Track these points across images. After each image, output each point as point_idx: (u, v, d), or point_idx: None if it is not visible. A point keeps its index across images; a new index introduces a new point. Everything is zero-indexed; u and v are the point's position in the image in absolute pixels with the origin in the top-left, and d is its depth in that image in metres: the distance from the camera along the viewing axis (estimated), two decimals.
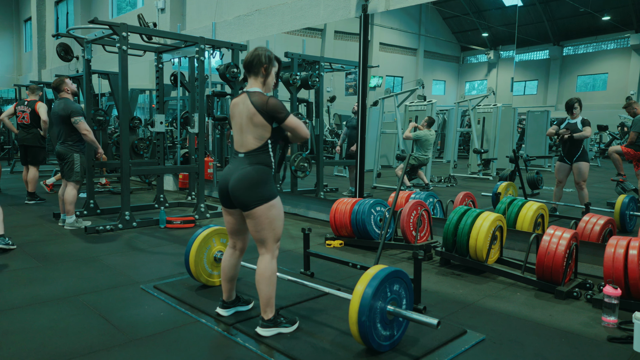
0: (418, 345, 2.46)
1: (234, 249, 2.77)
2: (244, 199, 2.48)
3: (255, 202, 2.46)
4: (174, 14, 9.27)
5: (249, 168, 2.50)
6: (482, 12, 12.73)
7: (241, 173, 2.50)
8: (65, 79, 5.31)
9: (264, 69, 2.54)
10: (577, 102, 5.55)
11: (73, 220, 5.20)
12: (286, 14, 6.68)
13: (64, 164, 5.13)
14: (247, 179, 2.47)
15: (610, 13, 9.61)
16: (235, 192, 2.50)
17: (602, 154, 8.85)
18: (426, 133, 7.33)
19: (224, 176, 2.60)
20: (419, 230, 4.34)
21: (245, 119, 2.50)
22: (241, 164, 2.53)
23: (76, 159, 5.10)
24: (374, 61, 9.87)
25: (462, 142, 11.05)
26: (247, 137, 2.52)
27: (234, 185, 2.50)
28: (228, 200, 2.59)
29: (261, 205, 2.47)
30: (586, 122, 5.48)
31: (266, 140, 2.52)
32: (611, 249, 3.05)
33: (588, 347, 2.55)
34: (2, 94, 17.30)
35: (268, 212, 2.49)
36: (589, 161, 5.52)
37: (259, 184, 2.48)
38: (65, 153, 5.10)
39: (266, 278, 2.52)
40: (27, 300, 3.06)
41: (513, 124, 9.14)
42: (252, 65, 2.54)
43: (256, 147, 2.51)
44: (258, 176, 2.49)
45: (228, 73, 5.79)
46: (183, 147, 8.54)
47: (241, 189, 2.47)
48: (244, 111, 2.50)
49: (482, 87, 12.13)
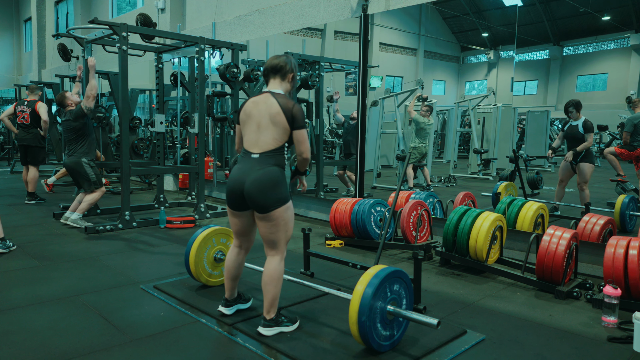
0: (418, 345, 2.46)
1: (240, 249, 2.77)
2: (262, 201, 2.45)
3: (274, 204, 2.44)
4: (174, 14, 9.26)
5: (267, 169, 2.47)
6: (482, 12, 12.74)
7: (259, 174, 2.46)
8: (65, 93, 5.43)
9: (291, 76, 2.62)
10: (572, 106, 5.50)
11: (78, 218, 5.18)
12: (286, 14, 6.68)
13: (78, 176, 5.16)
14: (266, 180, 2.45)
15: (610, 13, 9.61)
16: (253, 194, 2.45)
17: (602, 154, 8.86)
18: (425, 120, 7.34)
19: (236, 178, 2.52)
20: (419, 230, 4.34)
21: (267, 117, 2.49)
22: (256, 164, 2.49)
23: (86, 167, 5.12)
24: (374, 61, 9.88)
25: (462, 142, 11.06)
26: (265, 137, 2.51)
27: (251, 187, 2.45)
28: (241, 202, 2.54)
29: (279, 208, 2.46)
30: (588, 126, 5.41)
31: (284, 142, 2.52)
32: (611, 249, 3.05)
33: (588, 347, 2.55)
34: (2, 94, 17.31)
35: (284, 214, 2.49)
36: (593, 163, 5.48)
37: (277, 186, 2.46)
38: (75, 166, 5.12)
39: (275, 280, 2.52)
40: (27, 300, 3.06)
41: (513, 124, 9.16)
42: (280, 69, 2.58)
43: (273, 148, 2.50)
44: (276, 177, 2.47)
45: (228, 73, 5.79)
46: (183, 147, 8.55)
47: (260, 191, 2.44)
48: (265, 110, 2.50)
49: (482, 87, 12.13)
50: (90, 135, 5.25)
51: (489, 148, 9.15)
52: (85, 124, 5.19)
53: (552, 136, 9.87)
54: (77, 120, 5.12)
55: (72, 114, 5.14)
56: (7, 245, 4.16)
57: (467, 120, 9.66)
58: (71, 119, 5.14)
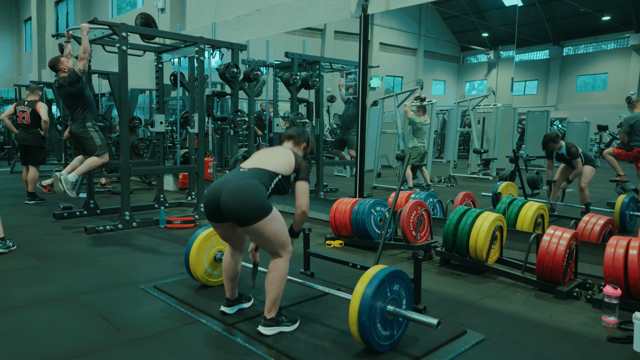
0: (418, 345, 2.46)
1: (234, 249, 2.78)
2: (238, 214, 2.36)
3: (253, 217, 2.35)
4: (174, 14, 9.26)
5: (247, 180, 2.42)
6: (482, 12, 12.74)
7: (236, 184, 2.40)
8: (61, 58, 5.33)
9: (303, 145, 2.88)
10: (550, 141, 5.50)
11: (73, 180, 4.95)
12: (286, 14, 6.68)
13: (84, 142, 5.14)
14: (242, 189, 2.37)
15: (610, 13, 9.61)
16: (229, 205, 2.36)
17: (602, 154, 8.86)
18: (421, 120, 7.36)
19: (213, 188, 2.47)
20: (419, 230, 4.34)
21: (283, 155, 2.64)
22: (238, 176, 2.46)
23: (92, 132, 5.12)
24: (374, 61, 9.88)
25: (462, 142, 11.05)
26: (266, 160, 2.58)
27: (226, 197, 2.37)
28: (217, 213, 2.46)
29: (260, 221, 2.36)
30: (572, 152, 5.41)
31: (280, 175, 2.54)
32: (611, 249, 3.05)
33: (588, 347, 2.55)
34: (2, 94, 17.31)
35: (268, 226, 2.40)
36: (595, 166, 5.48)
37: (255, 196, 2.37)
38: (80, 132, 5.12)
39: (279, 279, 2.51)
40: (27, 300, 3.06)
41: (513, 124, 9.15)
42: (293, 138, 2.86)
43: (266, 169, 2.52)
44: (255, 187, 2.39)
45: (228, 73, 5.79)
46: (183, 147, 8.54)
47: (236, 200, 2.35)
48: (282, 151, 2.68)
49: (482, 87, 12.13)
50: (89, 98, 5.23)
51: (489, 148, 9.15)
52: (82, 88, 5.15)
53: None
54: (73, 86, 5.07)
55: (67, 80, 5.08)
56: (7, 245, 4.16)
57: (467, 120, 9.66)
58: (66, 85, 5.08)
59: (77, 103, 5.16)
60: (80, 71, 5.04)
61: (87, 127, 5.15)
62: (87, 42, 5.02)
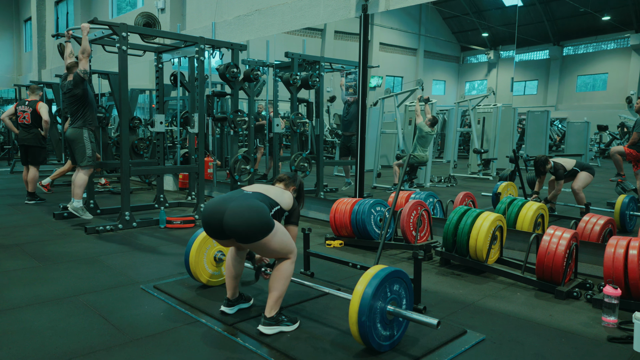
0: (418, 345, 2.46)
1: (238, 249, 2.78)
2: (242, 232, 2.40)
3: (256, 235, 2.40)
4: (174, 14, 9.27)
5: (252, 201, 2.47)
6: (482, 12, 12.73)
7: (241, 204, 2.43)
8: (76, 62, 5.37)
9: (292, 188, 2.93)
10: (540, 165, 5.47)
11: (79, 206, 5.16)
12: (286, 14, 6.68)
13: (75, 147, 5.17)
14: (245, 207, 2.41)
15: (610, 13, 9.60)
16: (232, 225, 2.39)
17: (602, 154, 8.85)
18: (428, 130, 7.33)
19: (213, 207, 2.48)
20: (419, 230, 4.34)
21: (281, 192, 2.73)
22: (242, 196, 2.52)
23: (86, 141, 5.14)
24: (374, 61, 9.88)
25: (462, 142, 11.04)
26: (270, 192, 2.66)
27: (231, 216, 2.39)
28: (219, 232, 2.49)
29: (264, 238, 2.42)
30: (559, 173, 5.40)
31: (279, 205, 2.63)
32: (611, 249, 3.05)
33: (588, 347, 2.55)
34: (2, 94, 17.31)
35: (272, 241, 2.46)
36: (592, 174, 5.46)
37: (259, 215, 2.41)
38: (75, 137, 5.14)
39: (284, 278, 2.55)
40: (27, 300, 3.06)
41: (513, 124, 9.14)
42: (284, 180, 2.94)
43: (270, 197, 2.60)
44: (259, 206, 2.45)
45: (228, 73, 5.78)
46: (183, 147, 8.54)
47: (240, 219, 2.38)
48: (280, 189, 2.78)
49: (482, 87, 12.13)
50: (91, 103, 5.27)
51: (489, 148, 9.15)
52: (86, 90, 5.19)
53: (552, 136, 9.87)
54: (78, 87, 5.13)
55: (72, 83, 5.15)
56: None
57: (467, 120, 9.66)
58: (72, 87, 5.15)
59: (79, 106, 5.18)
60: (83, 72, 5.08)
61: (84, 134, 5.17)
62: (87, 42, 5.05)
